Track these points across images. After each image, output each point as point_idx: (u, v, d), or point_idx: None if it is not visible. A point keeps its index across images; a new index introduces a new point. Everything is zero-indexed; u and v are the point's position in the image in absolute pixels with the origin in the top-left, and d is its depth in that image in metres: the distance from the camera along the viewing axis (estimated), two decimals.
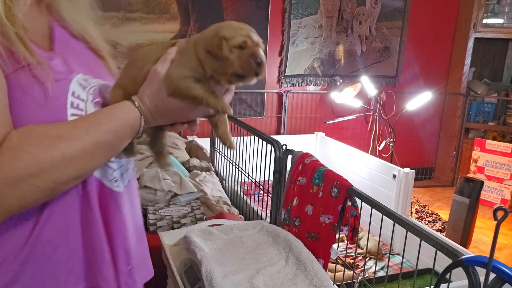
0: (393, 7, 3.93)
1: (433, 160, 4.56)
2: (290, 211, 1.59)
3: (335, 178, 1.41)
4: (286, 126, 3.79)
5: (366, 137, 4.10)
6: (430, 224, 3.29)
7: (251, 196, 2.47)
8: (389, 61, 4.06)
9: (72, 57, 0.71)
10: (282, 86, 3.71)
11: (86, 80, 0.70)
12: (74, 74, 0.68)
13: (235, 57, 0.63)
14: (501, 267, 0.79)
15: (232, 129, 2.31)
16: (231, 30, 0.64)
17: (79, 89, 0.67)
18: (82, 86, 0.68)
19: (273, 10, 3.52)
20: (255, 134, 1.94)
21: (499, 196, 3.80)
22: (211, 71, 0.66)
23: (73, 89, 0.66)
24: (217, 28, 0.65)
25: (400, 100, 3.98)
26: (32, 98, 0.61)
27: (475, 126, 4.34)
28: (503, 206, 0.72)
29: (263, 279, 1.21)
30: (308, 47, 3.71)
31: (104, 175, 0.71)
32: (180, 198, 2.07)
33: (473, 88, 4.40)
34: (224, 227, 1.49)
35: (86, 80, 0.70)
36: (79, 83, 0.68)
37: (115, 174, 0.74)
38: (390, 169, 2.65)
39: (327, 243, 1.41)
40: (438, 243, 1.01)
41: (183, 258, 1.37)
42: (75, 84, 0.67)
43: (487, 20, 4.19)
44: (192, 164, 2.56)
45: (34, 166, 0.56)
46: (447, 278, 0.96)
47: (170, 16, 3.21)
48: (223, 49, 0.63)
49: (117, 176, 0.75)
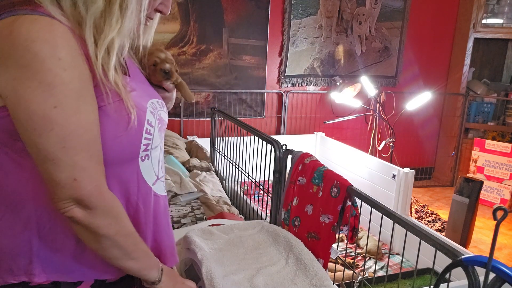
0: (393, 8, 3.94)
1: (433, 160, 4.56)
2: (290, 211, 1.59)
3: (335, 178, 1.42)
4: (286, 126, 3.79)
5: (366, 137, 4.10)
6: (430, 224, 3.29)
7: (251, 196, 2.48)
8: (388, 61, 4.07)
9: (140, 81, 0.86)
10: (282, 86, 3.71)
11: (152, 104, 0.83)
12: (146, 101, 0.81)
13: (151, 71, 0.95)
14: (500, 267, 0.79)
15: (232, 129, 2.31)
16: (148, 55, 0.95)
17: (151, 116, 0.81)
18: (153, 114, 0.82)
19: (273, 10, 3.52)
20: (255, 134, 1.94)
21: (498, 196, 3.81)
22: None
23: (148, 117, 0.80)
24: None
25: (399, 100, 3.98)
26: (122, 125, 0.74)
27: (475, 126, 4.34)
28: (502, 206, 0.73)
29: (263, 279, 1.21)
30: (308, 47, 3.71)
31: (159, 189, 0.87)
32: (180, 198, 2.07)
33: (473, 88, 4.41)
34: (224, 227, 1.50)
35: (152, 104, 0.83)
36: (151, 111, 0.81)
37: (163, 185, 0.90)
38: (389, 169, 2.66)
39: (327, 243, 1.42)
40: (437, 243, 1.02)
41: (184, 258, 1.37)
42: (149, 113, 0.80)
43: (487, 20, 4.19)
44: (192, 164, 2.57)
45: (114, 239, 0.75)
46: (447, 277, 0.96)
47: (170, 16, 3.21)
48: (145, 69, 0.95)
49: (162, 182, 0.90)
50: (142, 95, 0.82)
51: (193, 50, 3.34)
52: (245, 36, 3.48)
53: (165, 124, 0.88)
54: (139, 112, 0.77)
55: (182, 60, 3.32)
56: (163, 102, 0.92)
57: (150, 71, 0.95)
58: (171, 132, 3.10)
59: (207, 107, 3.46)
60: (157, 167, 0.86)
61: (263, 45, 3.55)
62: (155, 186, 0.86)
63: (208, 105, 3.47)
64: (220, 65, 3.44)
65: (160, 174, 0.88)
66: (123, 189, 0.79)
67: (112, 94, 0.72)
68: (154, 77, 0.95)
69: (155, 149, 0.84)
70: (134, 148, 0.78)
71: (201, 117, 3.47)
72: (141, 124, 0.78)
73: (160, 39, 3.21)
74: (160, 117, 0.85)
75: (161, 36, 3.21)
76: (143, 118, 0.78)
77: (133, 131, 0.75)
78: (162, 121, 0.86)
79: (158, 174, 0.87)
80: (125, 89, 0.75)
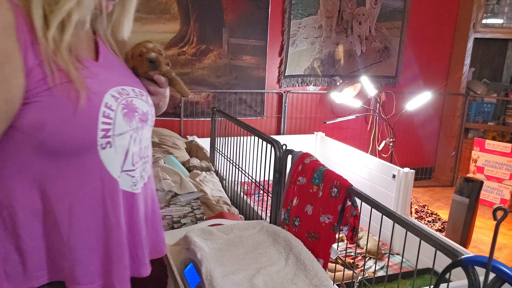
0: (393, 8, 3.94)
1: (433, 160, 4.56)
2: (290, 211, 1.59)
3: (335, 178, 1.42)
4: (286, 126, 3.79)
5: (365, 137, 4.10)
6: (430, 224, 3.29)
7: (251, 196, 2.48)
8: (388, 61, 4.06)
9: (112, 68, 0.83)
10: (282, 86, 3.71)
11: (123, 90, 0.80)
12: (110, 86, 0.78)
13: (138, 62, 0.92)
14: (500, 267, 0.79)
15: (232, 129, 2.31)
16: (135, 46, 0.94)
17: (111, 100, 0.76)
18: (115, 98, 0.77)
19: (273, 10, 3.52)
20: (255, 134, 1.94)
21: (498, 196, 3.81)
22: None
23: (106, 100, 0.75)
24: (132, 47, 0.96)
25: (399, 100, 3.98)
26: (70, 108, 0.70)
27: (475, 126, 4.34)
28: (502, 206, 0.73)
29: (263, 279, 1.21)
30: (308, 47, 3.71)
31: (125, 184, 0.81)
32: (180, 198, 2.07)
33: (473, 88, 4.41)
34: (224, 227, 1.50)
35: (123, 90, 0.80)
36: (112, 95, 0.77)
37: (134, 180, 0.83)
38: (389, 169, 2.66)
39: (327, 243, 1.41)
40: (437, 243, 1.02)
41: (183, 258, 1.37)
42: (109, 96, 0.76)
43: (487, 20, 4.19)
44: (192, 164, 2.57)
45: None
46: (447, 278, 0.96)
47: (170, 16, 3.21)
48: (129, 60, 0.93)
49: (137, 179, 0.83)
50: (107, 80, 0.78)
51: (193, 50, 3.34)
52: (245, 36, 3.48)
53: (139, 112, 0.82)
54: (93, 94, 0.73)
55: (182, 60, 3.32)
56: (143, 91, 0.87)
57: (137, 62, 0.91)
58: (171, 132, 3.10)
59: (207, 107, 3.46)
60: (122, 157, 0.79)
61: (263, 45, 3.55)
62: (122, 180, 0.80)
63: (208, 105, 3.47)
64: (220, 65, 3.44)
65: (129, 166, 0.81)
66: (83, 182, 0.75)
67: (61, 75, 0.69)
68: (141, 68, 0.92)
69: (120, 137, 0.77)
70: (89, 133, 0.72)
71: (201, 117, 3.47)
72: (95, 106, 0.73)
73: (160, 39, 3.21)
74: (129, 103, 0.80)
75: (161, 36, 3.22)
76: (97, 100, 0.73)
77: (84, 113, 0.71)
78: (133, 108, 0.80)
79: (126, 166, 0.80)
80: (77, 71, 0.71)
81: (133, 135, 0.80)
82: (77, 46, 0.75)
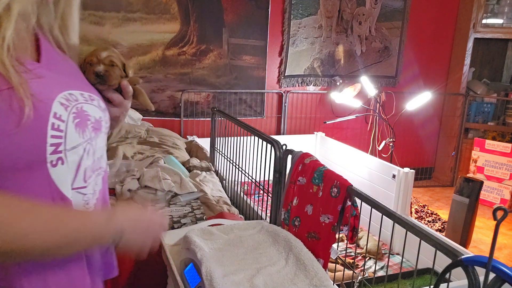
0: (393, 8, 3.94)
1: (433, 160, 4.56)
2: (290, 211, 1.59)
3: (335, 178, 1.42)
4: (286, 126, 3.79)
5: (365, 137, 4.10)
6: (430, 224, 3.29)
7: (251, 196, 2.48)
8: (388, 61, 4.07)
9: (56, 70, 0.71)
10: (282, 86, 3.71)
11: (70, 95, 0.69)
12: (58, 92, 0.67)
13: (87, 71, 0.83)
14: (500, 267, 0.79)
15: (232, 129, 2.31)
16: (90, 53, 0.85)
17: (60, 109, 0.65)
18: (65, 106, 0.66)
19: (273, 10, 3.52)
20: (255, 134, 1.94)
21: (498, 196, 3.81)
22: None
23: (55, 110, 0.64)
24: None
25: (399, 100, 3.98)
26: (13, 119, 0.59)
27: (475, 126, 4.34)
28: (502, 206, 0.73)
29: (263, 279, 1.21)
30: (308, 47, 3.71)
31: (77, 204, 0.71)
32: (180, 198, 2.07)
33: (473, 88, 4.41)
34: (224, 227, 1.50)
35: (70, 95, 0.69)
36: (61, 103, 0.66)
37: (86, 198, 0.73)
38: (389, 169, 2.66)
39: (327, 243, 1.41)
40: (437, 243, 1.02)
41: (183, 258, 1.37)
42: (57, 104, 0.65)
43: (487, 20, 4.19)
44: (192, 164, 2.57)
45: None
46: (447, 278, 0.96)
47: (170, 17, 3.21)
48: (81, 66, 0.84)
49: (89, 196, 0.74)
50: (53, 84, 0.67)
51: (193, 50, 3.34)
52: (245, 36, 3.48)
53: (92, 120, 0.71)
54: (39, 103, 0.62)
55: (182, 60, 3.33)
56: (93, 94, 0.76)
57: (86, 70, 0.82)
58: (171, 132, 3.10)
59: (207, 107, 3.46)
60: (73, 174, 0.68)
61: (263, 45, 3.55)
62: (75, 199, 0.69)
63: (208, 105, 3.47)
64: (220, 65, 3.44)
65: (80, 183, 0.70)
66: None
67: (0, 81, 0.59)
68: (88, 79, 0.82)
69: (73, 151, 0.67)
70: (36, 149, 0.62)
71: (201, 117, 3.47)
72: (42, 118, 0.62)
73: (160, 39, 3.21)
74: (80, 111, 0.69)
75: (161, 36, 3.22)
76: (45, 111, 0.63)
77: (30, 127, 0.60)
78: (85, 116, 0.70)
79: (76, 183, 0.69)
80: (19, 74, 0.61)
81: (87, 147, 0.70)
82: (17, 45, 0.64)
